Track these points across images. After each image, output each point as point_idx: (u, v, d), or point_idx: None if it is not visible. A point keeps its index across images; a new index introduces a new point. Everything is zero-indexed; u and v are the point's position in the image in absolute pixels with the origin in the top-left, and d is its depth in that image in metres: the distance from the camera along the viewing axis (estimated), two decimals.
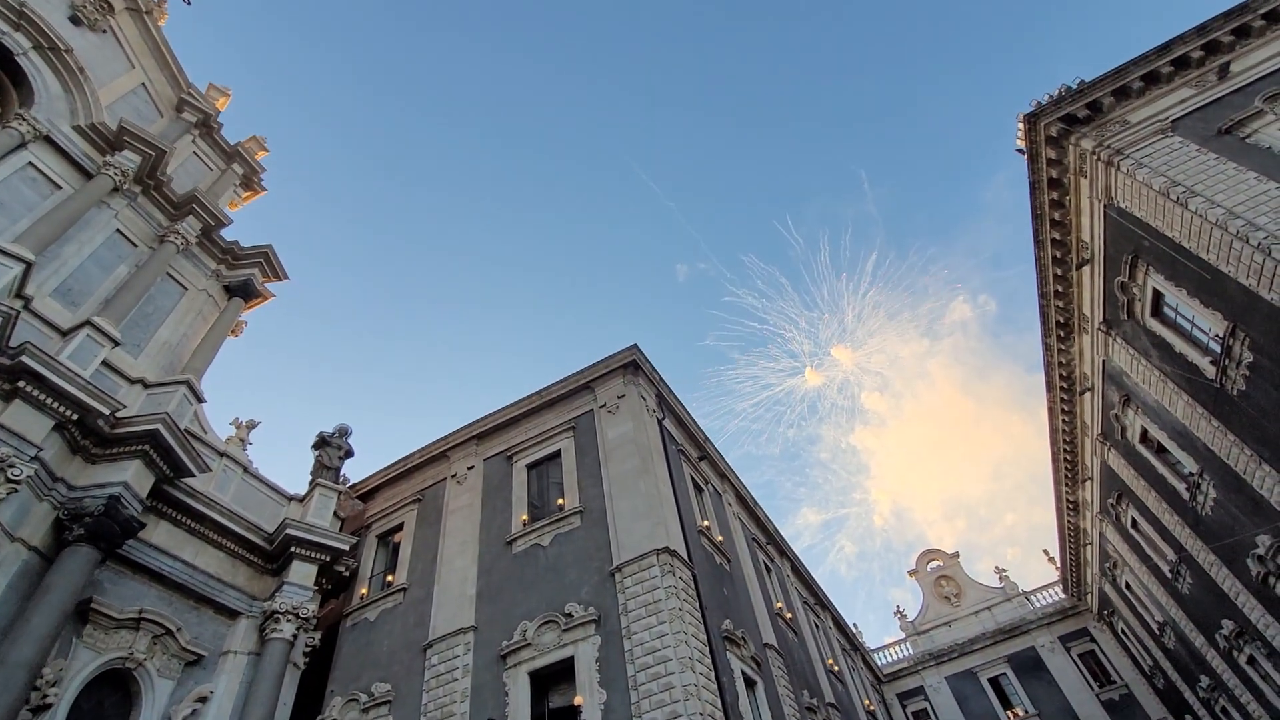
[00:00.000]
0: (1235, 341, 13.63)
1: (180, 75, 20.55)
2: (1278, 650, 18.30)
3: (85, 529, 12.61)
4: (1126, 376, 18.70)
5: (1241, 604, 18.99)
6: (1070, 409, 23.23)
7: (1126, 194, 15.09)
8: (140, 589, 14.21)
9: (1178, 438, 17.89)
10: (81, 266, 15.78)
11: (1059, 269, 18.70)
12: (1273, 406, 13.52)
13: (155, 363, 16.56)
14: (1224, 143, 14.07)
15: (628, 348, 18.69)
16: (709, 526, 18.34)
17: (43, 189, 15.70)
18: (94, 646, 12.92)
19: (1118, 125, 15.61)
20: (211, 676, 14.60)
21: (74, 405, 13.02)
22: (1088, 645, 34.80)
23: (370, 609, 17.71)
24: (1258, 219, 12.35)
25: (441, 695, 14.31)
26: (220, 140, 21.56)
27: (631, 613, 13.39)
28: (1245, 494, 15.96)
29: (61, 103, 16.81)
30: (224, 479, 16.83)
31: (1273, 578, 16.66)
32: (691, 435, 21.41)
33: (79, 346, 14.02)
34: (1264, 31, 15.12)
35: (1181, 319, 15.39)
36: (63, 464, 13.12)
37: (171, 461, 14.38)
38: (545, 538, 16.19)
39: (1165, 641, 27.46)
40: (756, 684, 15.24)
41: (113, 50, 18.82)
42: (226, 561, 16.03)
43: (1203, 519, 18.71)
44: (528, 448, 18.93)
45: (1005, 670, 35.48)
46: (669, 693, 11.75)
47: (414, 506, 19.85)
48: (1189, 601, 22.93)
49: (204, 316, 18.63)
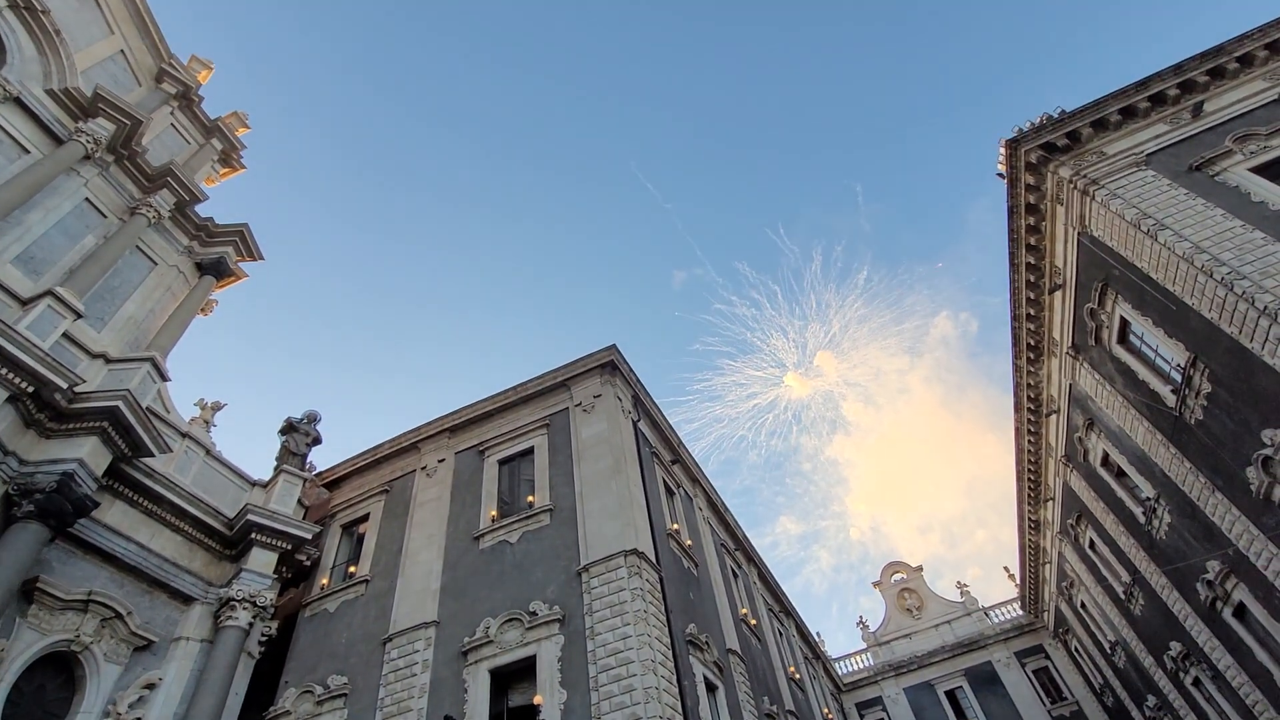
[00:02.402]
0: (1196, 372, 14.05)
1: (161, 44, 20.00)
2: (1222, 673, 18.88)
3: (35, 505, 12.19)
4: (1091, 401, 19.17)
5: (1190, 627, 19.57)
6: (1036, 430, 23.75)
7: (1100, 223, 15.48)
8: (91, 570, 13.78)
9: (1137, 463, 18.38)
10: (46, 234, 15.25)
11: (1032, 292, 19.11)
12: (1228, 437, 13.96)
13: (119, 338, 16.08)
14: (1194, 179, 14.51)
15: (606, 348, 18.66)
16: (678, 530, 18.36)
17: (10, 152, 15.15)
18: (39, 627, 12.50)
19: (1095, 156, 16.02)
20: (161, 663, 14.21)
21: (30, 377, 12.59)
22: (1042, 662, 35.57)
23: (330, 600, 17.40)
24: (1222, 254, 12.75)
25: (400, 690, 14.11)
26: (200, 114, 21.04)
27: (596, 613, 13.35)
28: (1198, 520, 16.46)
29: (35, 65, 16.25)
30: (185, 461, 16.40)
31: (1220, 603, 17.20)
32: (665, 438, 21.43)
33: (39, 317, 13.56)
34: (1237, 74, 15.65)
35: (1146, 347, 15.82)
36: (15, 437, 12.66)
37: (131, 440, 13.97)
38: (513, 534, 16.06)
39: (1116, 661, 28.18)
40: (718, 689, 15.28)
41: (92, 14, 18.25)
42: (184, 545, 15.62)
43: (1157, 543, 19.25)
44: (501, 443, 18.78)
45: (962, 683, 36.09)
46: (630, 695, 11.72)
47: (381, 497, 19.56)
48: (1140, 622, 23.56)
49: (173, 293, 18.15)
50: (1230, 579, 16.34)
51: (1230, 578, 16.32)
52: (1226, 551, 15.79)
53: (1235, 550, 15.35)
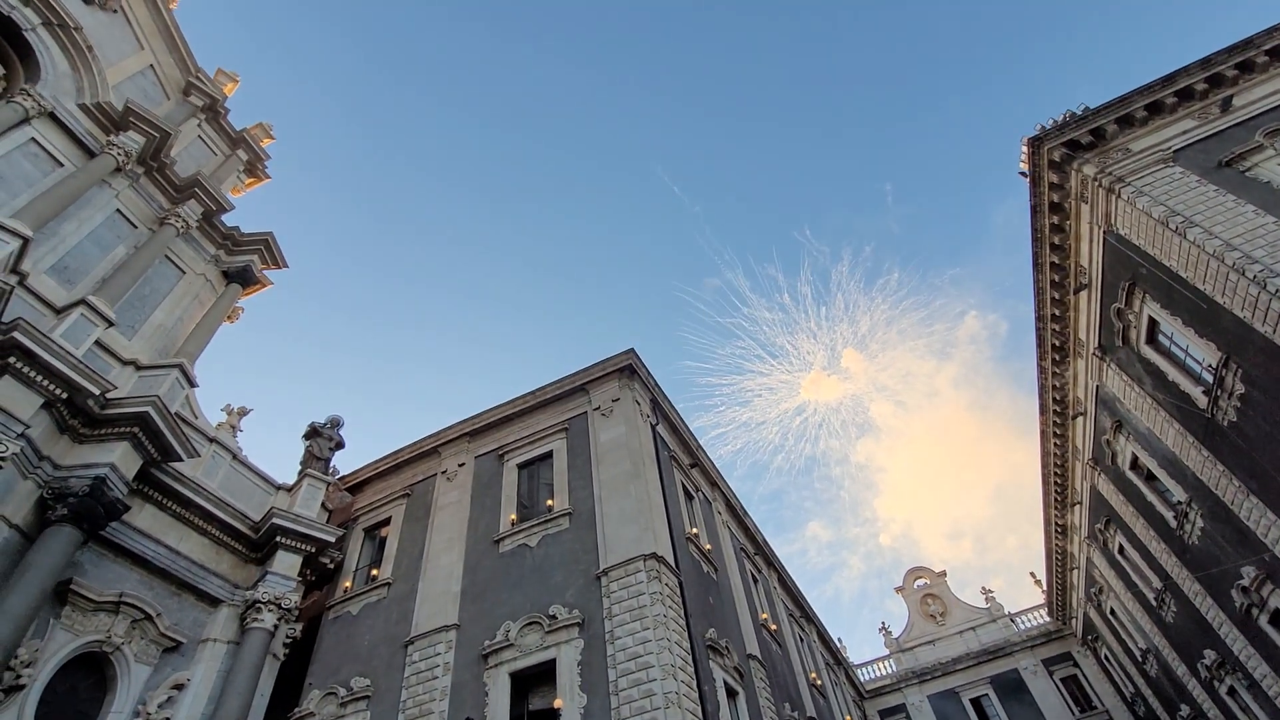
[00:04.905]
0: (1228, 373, 13.70)
1: (189, 58, 20.51)
2: (1258, 682, 18.33)
3: (69, 509, 12.51)
4: (1119, 403, 18.77)
5: (1224, 635, 19.04)
6: (1062, 433, 23.30)
7: (1126, 221, 15.18)
8: (122, 572, 14.09)
9: (1167, 466, 17.95)
10: (79, 245, 15.70)
11: (1057, 293, 18.79)
12: (1262, 439, 13.58)
13: (149, 345, 16.47)
14: (1224, 175, 14.18)
15: (624, 351, 18.69)
16: (697, 534, 18.30)
17: (44, 165, 15.62)
18: (71, 628, 12.80)
19: (1120, 153, 15.73)
20: (189, 664, 14.47)
21: (64, 384, 12.93)
22: (1070, 669, 34.79)
23: (353, 603, 17.59)
24: (1254, 252, 12.44)
25: (421, 693, 14.21)
26: (226, 125, 21.52)
27: (616, 617, 13.33)
28: (1232, 525, 16.02)
29: (68, 80, 16.75)
30: (212, 465, 16.72)
31: (1256, 609, 16.71)
32: (684, 442, 21.39)
33: (72, 325, 13.94)
34: (1267, 67, 15.28)
35: (1176, 348, 15.47)
36: (49, 443, 13.01)
37: (160, 445, 14.28)
38: (533, 538, 16.12)
39: (1147, 669, 27.48)
40: (738, 694, 15.18)
41: (122, 30, 18.78)
42: (211, 548, 15.91)
43: (1189, 548, 18.77)
44: (520, 447, 18.88)
45: (988, 691, 35.42)
46: (650, 699, 11.69)
47: (402, 501, 19.76)
48: (1172, 630, 22.97)
49: (200, 301, 18.55)
50: (1266, 585, 15.88)
51: (1266, 584, 15.85)
52: (1262, 557, 15.35)
53: (1271, 556, 14.92)
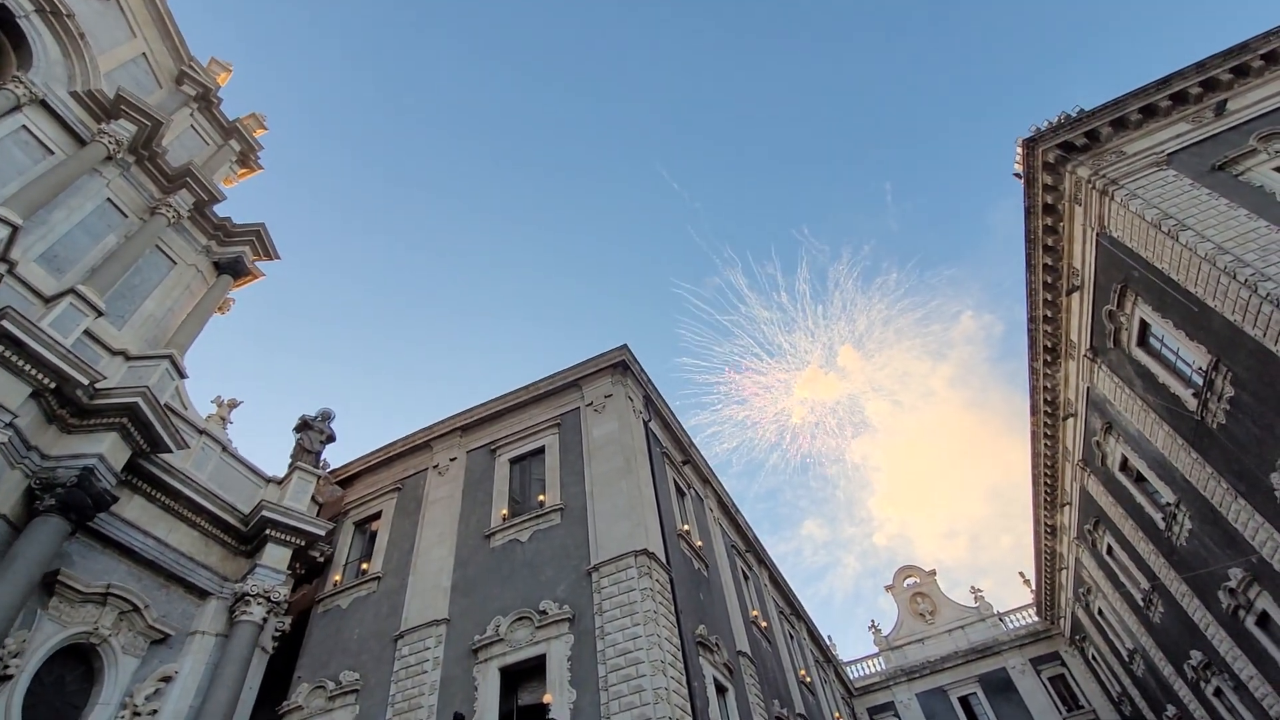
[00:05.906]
0: (1218, 375, 13.78)
1: (182, 47, 20.33)
2: (1245, 684, 18.50)
3: (56, 499, 12.41)
4: (1109, 404, 18.87)
5: (1211, 636, 19.19)
6: (1053, 434, 23.42)
7: (1119, 224, 15.24)
8: (110, 563, 14.00)
9: (1157, 467, 18.06)
10: (69, 234, 15.55)
11: (1049, 294, 18.86)
12: (1251, 441, 13.68)
13: (139, 335, 16.35)
14: (1217, 179, 14.24)
15: (617, 347, 18.66)
16: (689, 531, 18.32)
17: (34, 153, 15.45)
18: (59, 619, 12.72)
19: (1114, 155, 15.78)
20: (177, 656, 14.41)
21: (52, 373, 12.82)
22: (1058, 669, 35.06)
23: (343, 596, 17.54)
24: (1246, 255, 12.50)
25: (410, 687, 14.19)
26: (219, 115, 21.34)
27: (606, 613, 13.34)
28: (1220, 527, 16.14)
29: (60, 68, 16.57)
30: (202, 457, 16.62)
31: (1243, 611, 16.85)
32: (677, 439, 21.39)
33: (61, 314, 13.82)
34: (1262, 72, 15.35)
35: (1166, 350, 15.55)
36: (37, 432, 12.91)
37: (149, 436, 14.18)
38: (524, 533, 16.11)
39: (1134, 669, 27.71)
40: (728, 691, 15.22)
41: (115, 17, 18.58)
42: (199, 540, 15.83)
43: (1177, 549, 18.90)
44: (512, 442, 18.84)
45: (976, 690, 35.66)
46: (639, 695, 11.70)
47: (393, 495, 19.70)
48: (1160, 631, 23.15)
49: (191, 292, 18.42)
50: (1253, 587, 16.00)
51: (1253, 586, 15.98)
52: (1249, 559, 15.47)
53: (1259, 558, 15.03)
